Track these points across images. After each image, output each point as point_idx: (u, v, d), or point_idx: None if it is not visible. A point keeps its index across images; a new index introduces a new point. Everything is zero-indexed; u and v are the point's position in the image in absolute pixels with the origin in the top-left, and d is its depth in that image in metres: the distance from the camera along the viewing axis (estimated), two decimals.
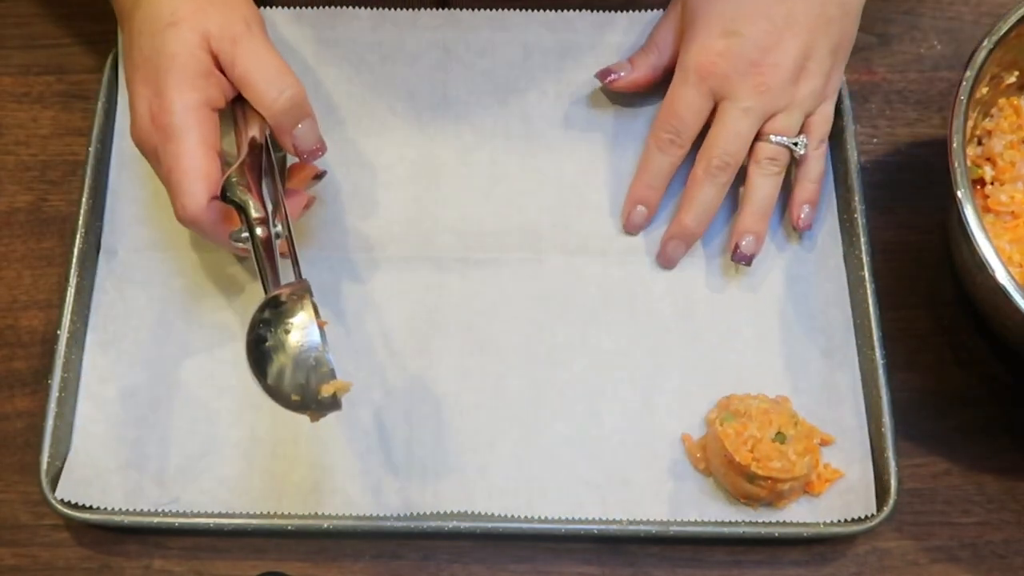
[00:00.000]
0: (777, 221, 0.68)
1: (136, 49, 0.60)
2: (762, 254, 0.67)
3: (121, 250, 0.67)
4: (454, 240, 0.68)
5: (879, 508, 0.61)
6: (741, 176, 0.66)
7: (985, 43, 0.61)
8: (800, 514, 0.61)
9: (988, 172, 0.65)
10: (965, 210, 0.57)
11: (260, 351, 0.53)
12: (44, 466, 0.61)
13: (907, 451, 0.63)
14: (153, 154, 0.59)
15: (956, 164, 0.58)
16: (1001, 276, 0.56)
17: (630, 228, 0.67)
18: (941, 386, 0.66)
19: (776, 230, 0.68)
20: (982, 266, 0.56)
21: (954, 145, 0.59)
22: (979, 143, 0.66)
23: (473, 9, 0.72)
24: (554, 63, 0.71)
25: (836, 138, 0.69)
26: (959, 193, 0.57)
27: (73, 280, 0.65)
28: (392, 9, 0.72)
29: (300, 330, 0.53)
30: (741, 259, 0.65)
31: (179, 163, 0.57)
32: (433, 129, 0.70)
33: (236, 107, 0.61)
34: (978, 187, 0.65)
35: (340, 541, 0.62)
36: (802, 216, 0.66)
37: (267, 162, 0.59)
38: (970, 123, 0.64)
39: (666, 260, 0.66)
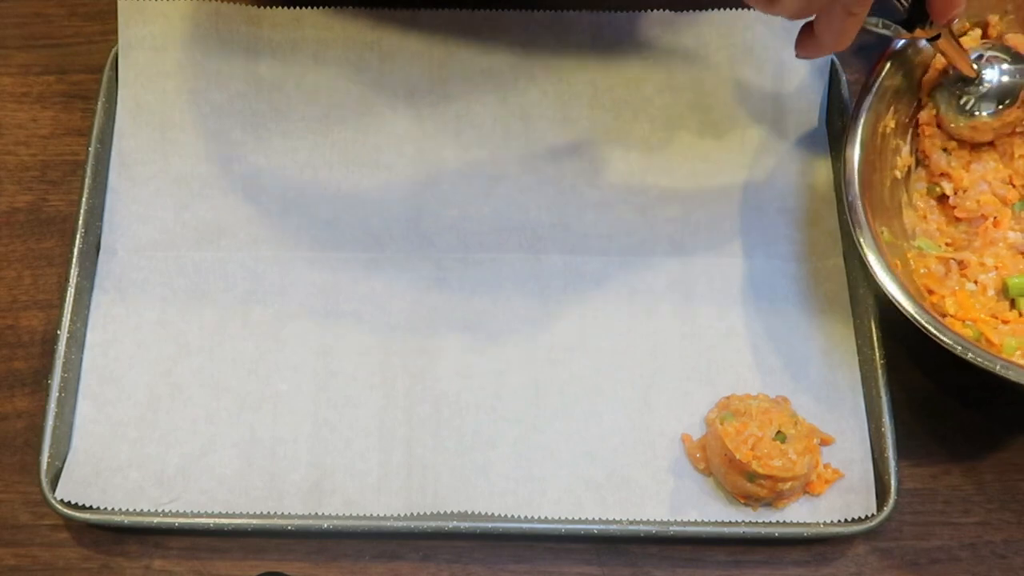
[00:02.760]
0: (780, 223, 0.68)
1: None
2: (762, 254, 0.67)
3: (121, 250, 0.67)
4: (454, 239, 0.68)
5: (879, 508, 0.60)
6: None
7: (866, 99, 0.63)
8: (800, 514, 0.61)
9: (948, 186, 0.65)
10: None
11: None
12: (44, 466, 0.61)
13: (907, 451, 0.63)
14: None
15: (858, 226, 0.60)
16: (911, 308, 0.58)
17: None
18: (941, 386, 0.66)
19: (777, 231, 0.68)
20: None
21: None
22: (925, 164, 0.67)
23: (473, 9, 0.72)
24: (554, 63, 0.71)
25: (836, 138, 0.70)
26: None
27: (73, 280, 0.65)
28: (392, 9, 0.72)
29: None
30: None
31: None
32: (433, 128, 0.70)
33: None
34: (946, 203, 0.66)
35: (340, 541, 0.62)
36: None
37: None
38: (906, 149, 0.66)
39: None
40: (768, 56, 0.71)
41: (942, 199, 0.66)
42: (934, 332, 0.57)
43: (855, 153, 0.62)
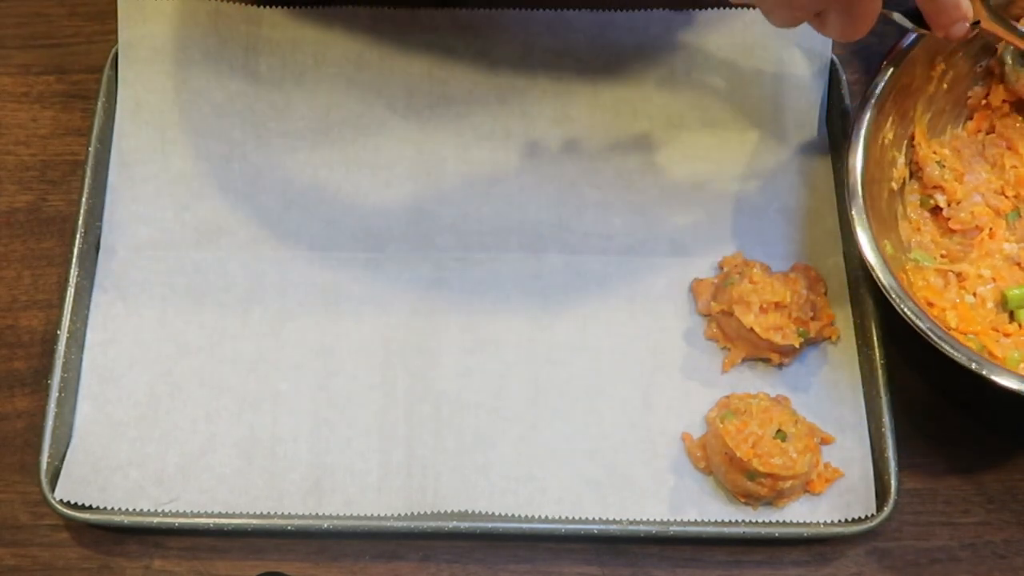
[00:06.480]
0: (780, 222, 0.68)
1: None
2: (762, 253, 0.67)
3: (121, 249, 0.67)
4: (454, 239, 0.68)
5: (879, 508, 0.60)
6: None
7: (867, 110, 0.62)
8: (800, 514, 0.61)
9: (941, 198, 0.65)
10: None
11: None
12: (44, 466, 0.61)
13: (907, 451, 0.63)
14: None
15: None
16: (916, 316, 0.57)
17: None
18: (941, 386, 0.66)
19: (777, 230, 0.68)
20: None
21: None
22: (919, 177, 0.66)
23: (473, 9, 0.72)
24: (554, 63, 0.71)
25: (836, 138, 0.70)
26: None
27: (73, 280, 0.65)
28: (392, 9, 0.72)
29: None
30: None
31: None
32: (433, 128, 0.70)
33: None
34: (939, 215, 0.66)
35: (340, 541, 0.62)
36: None
37: None
38: (901, 160, 0.65)
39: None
40: (768, 56, 0.71)
41: (935, 211, 0.66)
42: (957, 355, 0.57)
43: (857, 163, 0.61)
